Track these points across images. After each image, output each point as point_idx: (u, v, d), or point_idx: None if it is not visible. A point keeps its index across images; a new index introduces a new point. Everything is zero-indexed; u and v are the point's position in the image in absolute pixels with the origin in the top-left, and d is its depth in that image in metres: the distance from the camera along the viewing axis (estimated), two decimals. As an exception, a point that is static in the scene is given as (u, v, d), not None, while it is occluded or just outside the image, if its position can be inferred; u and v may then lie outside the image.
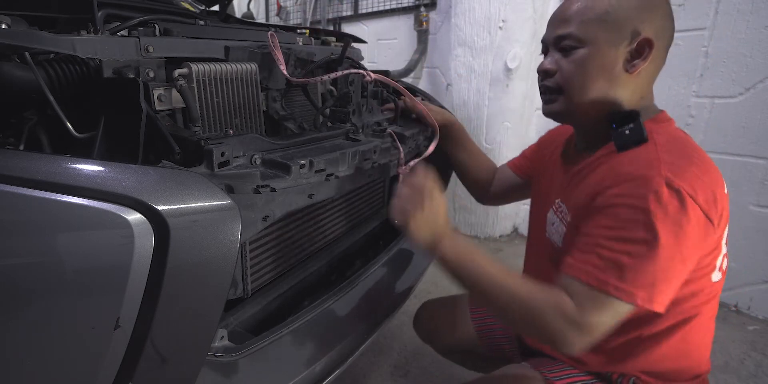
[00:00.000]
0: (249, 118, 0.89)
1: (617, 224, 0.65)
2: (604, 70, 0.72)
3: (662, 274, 0.63)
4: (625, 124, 0.72)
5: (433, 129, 1.09)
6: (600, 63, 0.72)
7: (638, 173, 0.65)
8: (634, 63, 0.72)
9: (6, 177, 0.48)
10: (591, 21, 0.71)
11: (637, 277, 0.63)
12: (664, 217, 0.62)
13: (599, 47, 0.71)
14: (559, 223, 0.81)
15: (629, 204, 0.64)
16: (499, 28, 2.14)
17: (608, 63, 0.72)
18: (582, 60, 0.73)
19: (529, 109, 2.36)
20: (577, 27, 0.72)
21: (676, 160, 0.66)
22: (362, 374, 1.46)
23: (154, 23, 0.81)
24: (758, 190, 1.67)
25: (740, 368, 1.49)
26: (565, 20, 0.74)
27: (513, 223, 2.59)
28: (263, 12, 4.05)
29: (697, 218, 0.63)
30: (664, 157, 0.66)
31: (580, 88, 0.75)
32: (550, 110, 0.80)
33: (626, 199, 0.65)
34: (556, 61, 0.76)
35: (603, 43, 0.71)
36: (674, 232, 0.62)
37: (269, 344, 0.75)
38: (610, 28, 0.70)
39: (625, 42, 0.71)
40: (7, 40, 0.61)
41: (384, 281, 1.02)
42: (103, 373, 0.51)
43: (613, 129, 0.73)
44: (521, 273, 1.03)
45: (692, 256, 0.66)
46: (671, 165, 0.65)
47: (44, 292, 0.48)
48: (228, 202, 0.54)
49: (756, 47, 1.60)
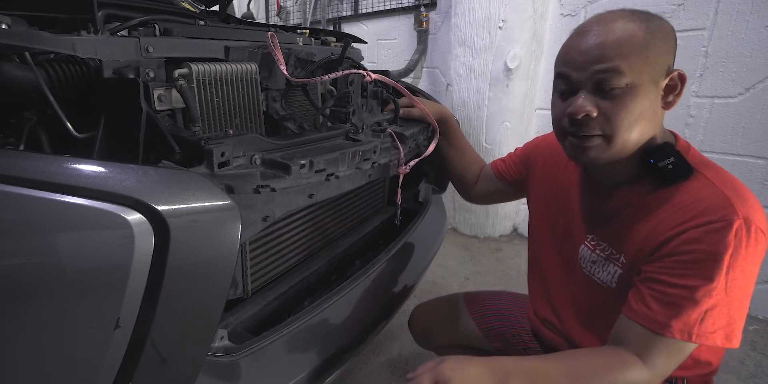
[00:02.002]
0: (249, 118, 0.89)
1: (692, 272, 0.65)
2: (650, 109, 0.68)
3: (737, 312, 0.65)
4: (663, 157, 0.69)
5: (433, 128, 1.09)
6: (647, 102, 0.67)
7: (715, 215, 0.64)
8: (669, 99, 0.69)
9: (6, 177, 0.48)
10: (633, 55, 0.65)
11: (716, 321, 0.64)
12: (741, 258, 0.63)
13: (645, 85, 0.66)
14: (605, 262, 0.79)
15: (705, 250, 0.64)
16: (499, 28, 2.15)
17: (652, 101, 0.68)
18: (629, 100, 0.66)
19: (529, 109, 2.36)
20: (621, 62, 0.64)
21: (739, 194, 0.66)
22: (362, 374, 1.46)
23: (154, 23, 0.81)
24: (758, 190, 1.67)
25: (740, 368, 1.49)
26: (604, 55, 0.65)
27: (513, 223, 2.59)
28: (263, 12, 4.05)
29: (764, 250, 0.65)
30: (729, 193, 0.65)
31: (628, 132, 0.68)
32: (595, 160, 0.71)
33: (702, 246, 0.64)
34: (595, 103, 0.67)
35: (647, 80, 0.66)
36: (749, 272, 0.64)
37: (269, 344, 0.75)
38: (651, 63, 0.65)
39: (662, 77, 0.67)
40: (7, 40, 0.61)
41: (384, 281, 1.02)
42: (103, 373, 0.51)
43: (651, 164, 0.70)
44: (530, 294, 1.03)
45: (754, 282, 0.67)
46: (740, 201, 0.64)
47: (44, 292, 0.48)
48: (228, 202, 0.54)
49: (756, 47, 1.60)
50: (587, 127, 0.69)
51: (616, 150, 0.69)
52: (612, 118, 0.67)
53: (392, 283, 1.04)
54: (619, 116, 0.66)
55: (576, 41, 0.70)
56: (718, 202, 0.65)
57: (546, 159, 0.98)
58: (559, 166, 0.94)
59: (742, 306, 0.66)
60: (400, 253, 1.12)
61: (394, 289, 1.03)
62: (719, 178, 0.68)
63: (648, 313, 0.67)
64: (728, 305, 0.64)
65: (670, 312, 0.65)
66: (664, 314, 0.66)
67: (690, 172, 0.69)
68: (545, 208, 0.96)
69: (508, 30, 2.15)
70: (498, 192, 1.11)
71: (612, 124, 0.67)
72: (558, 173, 0.93)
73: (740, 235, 0.62)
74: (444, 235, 1.33)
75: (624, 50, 0.65)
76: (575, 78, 0.69)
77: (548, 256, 0.96)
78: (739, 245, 0.62)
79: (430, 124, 1.09)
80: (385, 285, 1.02)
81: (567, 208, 0.90)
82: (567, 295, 0.90)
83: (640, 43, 0.65)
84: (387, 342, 1.62)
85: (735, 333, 0.66)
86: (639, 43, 0.65)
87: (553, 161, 0.96)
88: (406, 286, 1.05)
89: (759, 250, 0.64)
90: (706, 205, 0.65)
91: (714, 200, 0.65)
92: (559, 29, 2.19)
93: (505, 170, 1.08)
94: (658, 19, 0.68)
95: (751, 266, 0.64)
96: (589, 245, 0.83)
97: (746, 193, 0.67)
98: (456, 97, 2.39)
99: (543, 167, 0.98)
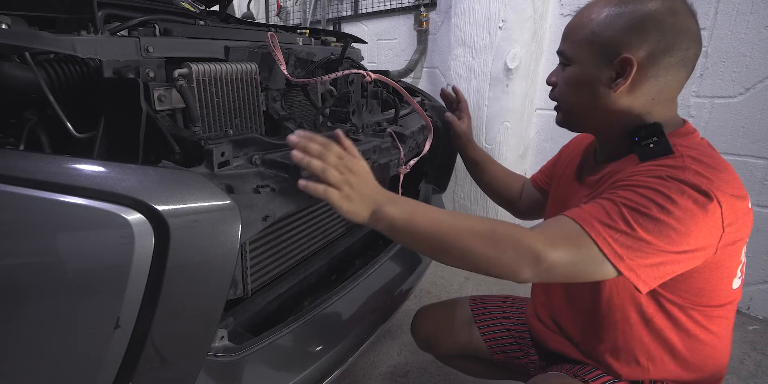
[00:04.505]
0: (249, 118, 0.89)
1: (635, 197, 0.64)
2: (586, 87, 0.75)
3: (661, 257, 0.62)
4: (648, 137, 0.72)
5: (427, 126, 1.09)
6: (582, 81, 0.75)
7: (665, 172, 0.65)
8: (617, 82, 0.72)
9: (6, 177, 0.48)
10: (580, 41, 0.75)
11: (632, 244, 0.62)
12: (683, 205, 0.61)
13: (583, 66, 0.75)
14: None
15: (653, 187, 0.63)
16: (499, 28, 2.14)
17: (589, 81, 0.74)
18: (568, 77, 0.77)
19: (529, 109, 2.36)
20: (568, 45, 0.77)
21: (704, 169, 0.65)
22: (362, 374, 1.46)
23: (154, 23, 0.81)
24: (758, 190, 1.67)
25: (740, 368, 1.49)
26: (564, 37, 0.79)
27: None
28: (263, 12, 4.05)
29: (715, 218, 0.63)
30: (692, 165, 0.65)
31: (568, 102, 0.80)
32: (556, 121, 0.85)
33: (650, 182, 0.64)
34: (556, 74, 0.81)
35: (586, 63, 0.74)
36: (688, 223, 0.61)
37: (269, 344, 0.75)
38: (595, 48, 0.73)
39: (607, 62, 0.72)
40: (7, 40, 0.61)
41: (384, 281, 1.02)
42: (103, 373, 0.51)
43: (635, 142, 0.73)
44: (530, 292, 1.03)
45: (696, 251, 0.64)
46: (699, 171, 0.64)
47: (44, 292, 0.48)
48: (228, 202, 0.54)
49: (756, 47, 1.60)
50: (550, 93, 0.84)
51: (565, 114, 0.81)
52: (559, 89, 0.80)
53: (392, 283, 1.04)
54: (561, 88, 0.79)
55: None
56: (675, 166, 0.65)
57: (567, 156, 0.99)
58: (570, 156, 0.96)
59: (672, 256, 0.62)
60: (400, 253, 1.12)
61: (394, 289, 1.03)
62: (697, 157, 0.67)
63: (576, 211, 0.67)
64: (654, 241, 0.61)
65: (596, 213, 0.64)
66: (591, 212, 0.64)
67: (667, 152, 0.69)
68: (554, 198, 0.98)
69: (508, 30, 2.14)
70: (542, 203, 1.10)
71: (559, 94, 0.81)
72: (568, 162, 0.96)
73: (684, 188, 0.62)
74: (444, 235, 1.32)
75: (574, 35, 0.76)
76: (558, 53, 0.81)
77: None
78: (681, 193, 0.62)
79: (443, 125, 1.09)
80: (385, 285, 1.02)
81: (563, 190, 0.91)
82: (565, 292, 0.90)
83: (588, 30, 0.73)
84: (387, 342, 1.62)
85: (644, 272, 0.62)
86: (587, 29, 0.73)
87: (569, 155, 0.98)
88: (405, 286, 1.05)
89: (707, 211, 0.62)
90: (662, 167, 0.66)
91: (672, 166, 0.66)
92: (559, 29, 2.18)
93: (543, 180, 1.09)
94: (641, 9, 0.68)
95: (692, 220, 0.61)
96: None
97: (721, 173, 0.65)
98: (456, 97, 2.39)
99: (564, 164, 0.99)
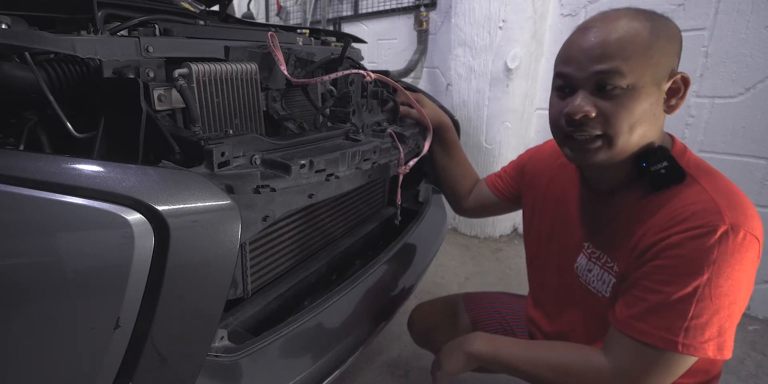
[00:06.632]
0: (249, 118, 0.89)
1: (670, 278, 0.63)
2: (650, 112, 0.66)
3: (727, 321, 0.63)
4: (656, 162, 0.68)
5: (426, 127, 1.09)
6: (647, 105, 0.65)
7: (700, 222, 0.62)
8: (672, 103, 0.68)
9: (6, 177, 0.48)
10: (636, 56, 0.63)
11: (704, 331, 0.62)
12: (726, 265, 0.61)
13: (646, 87, 0.64)
14: (600, 271, 0.78)
15: (684, 256, 0.62)
16: (499, 28, 2.15)
17: (653, 104, 0.66)
18: (630, 101, 0.64)
19: (529, 109, 2.36)
20: (622, 63, 0.63)
21: (730, 200, 0.63)
22: (363, 374, 1.46)
23: (154, 23, 0.81)
24: (758, 190, 1.67)
25: (740, 368, 1.49)
26: (606, 55, 0.64)
27: (513, 223, 2.59)
28: (263, 12, 4.05)
29: (757, 257, 0.63)
30: (719, 199, 0.63)
31: (628, 134, 0.66)
32: (596, 161, 0.69)
33: (681, 251, 0.62)
34: (594, 103, 0.66)
35: (649, 82, 0.64)
36: (737, 279, 0.61)
37: (269, 344, 0.74)
38: (654, 64, 0.64)
39: (665, 80, 0.66)
40: (7, 40, 0.61)
41: (384, 281, 1.02)
42: (103, 373, 0.51)
43: (644, 168, 0.69)
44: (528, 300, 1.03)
45: (749, 292, 0.64)
46: (730, 208, 0.62)
47: (44, 292, 0.48)
48: (228, 202, 0.54)
49: (756, 47, 1.60)
50: (587, 126, 0.67)
51: (617, 151, 0.68)
52: (612, 119, 0.65)
53: (392, 283, 1.04)
54: (619, 118, 0.65)
55: (578, 39, 0.68)
56: (705, 208, 0.63)
57: (542, 168, 0.97)
58: (555, 174, 0.92)
59: (731, 314, 0.62)
60: (400, 253, 1.12)
61: (394, 289, 1.03)
62: (713, 184, 0.66)
63: (626, 320, 0.66)
64: (716, 314, 0.61)
65: (650, 319, 0.64)
66: (643, 321, 0.64)
67: (683, 177, 0.67)
68: (541, 217, 0.95)
69: (508, 30, 2.15)
70: (492, 206, 1.09)
71: (612, 125, 0.65)
72: (554, 180, 0.92)
73: (724, 242, 0.60)
74: (444, 235, 1.33)
75: (626, 50, 0.63)
76: (575, 77, 0.67)
77: (545, 266, 0.95)
78: (723, 252, 0.60)
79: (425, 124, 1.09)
80: (385, 285, 1.02)
81: (564, 216, 0.88)
82: (563, 304, 0.90)
83: (644, 44, 0.63)
84: (387, 342, 1.62)
85: (727, 343, 0.63)
86: (642, 43, 0.63)
87: (549, 169, 0.94)
88: (406, 286, 1.05)
89: (748, 257, 0.61)
90: (693, 211, 0.63)
91: (701, 206, 0.63)
92: (559, 29, 2.19)
93: (503, 186, 1.06)
94: (664, 19, 0.67)
95: (739, 273, 0.61)
96: (585, 253, 0.82)
97: (740, 199, 0.65)
98: (456, 97, 2.39)
99: (539, 176, 0.97)
